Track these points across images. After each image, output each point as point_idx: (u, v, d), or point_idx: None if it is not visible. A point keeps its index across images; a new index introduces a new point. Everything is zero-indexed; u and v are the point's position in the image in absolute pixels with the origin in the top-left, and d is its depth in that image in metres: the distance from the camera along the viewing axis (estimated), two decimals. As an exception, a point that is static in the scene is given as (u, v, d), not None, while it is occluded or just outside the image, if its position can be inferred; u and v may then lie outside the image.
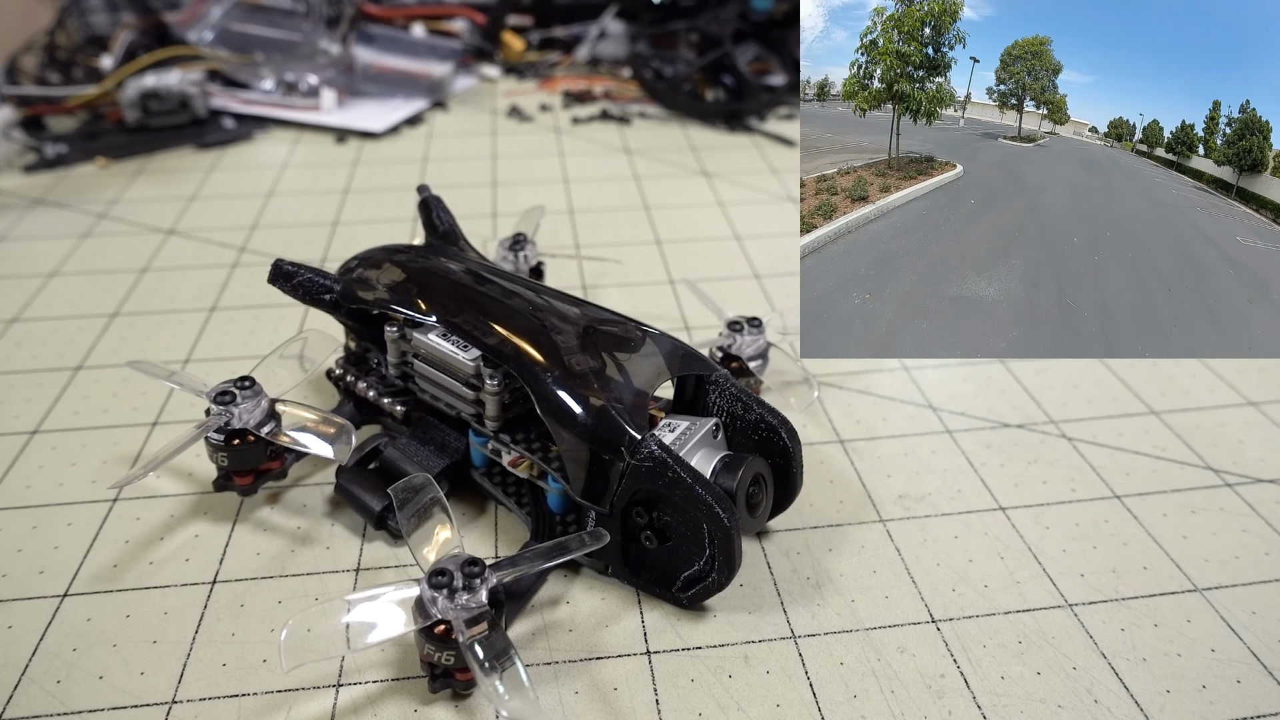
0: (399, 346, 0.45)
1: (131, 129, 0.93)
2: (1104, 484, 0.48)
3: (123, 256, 0.71)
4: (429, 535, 0.36)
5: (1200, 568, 0.43)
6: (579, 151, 0.93)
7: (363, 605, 0.34)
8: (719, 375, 0.43)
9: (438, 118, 1.02)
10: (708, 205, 0.80)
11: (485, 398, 0.42)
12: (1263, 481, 0.49)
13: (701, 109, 1.02)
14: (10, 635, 0.39)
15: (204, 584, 0.41)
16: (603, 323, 0.43)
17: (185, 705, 0.36)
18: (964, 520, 0.45)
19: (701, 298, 0.56)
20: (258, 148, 0.93)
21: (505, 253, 0.57)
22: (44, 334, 0.61)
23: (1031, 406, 0.54)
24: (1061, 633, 0.39)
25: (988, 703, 0.36)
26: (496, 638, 0.33)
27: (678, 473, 0.36)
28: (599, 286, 0.67)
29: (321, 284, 0.47)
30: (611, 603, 0.41)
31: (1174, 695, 0.36)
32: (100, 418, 0.52)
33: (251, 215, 0.78)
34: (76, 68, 1.02)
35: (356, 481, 0.44)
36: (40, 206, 0.79)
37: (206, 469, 0.46)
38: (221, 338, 0.61)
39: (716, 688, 0.37)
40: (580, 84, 1.11)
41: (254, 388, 0.43)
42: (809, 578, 0.42)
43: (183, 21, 1.02)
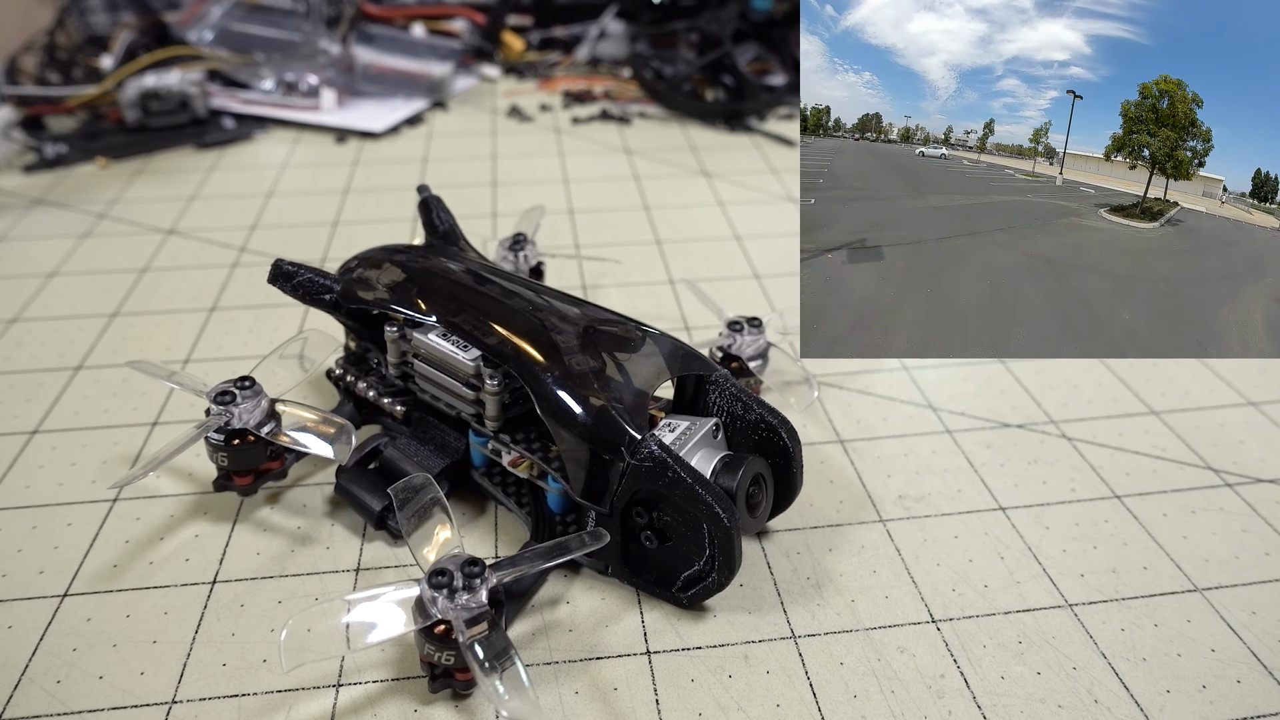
0: (399, 346, 0.45)
1: (131, 129, 0.93)
2: (1104, 484, 0.48)
3: (123, 256, 0.71)
4: (429, 535, 0.36)
5: (1200, 568, 0.43)
6: (579, 151, 0.93)
7: (363, 605, 0.34)
8: (719, 375, 0.43)
9: (438, 118, 1.02)
10: (708, 205, 0.80)
11: (485, 398, 0.42)
12: (1263, 481, 0.49)
13: (701, 109, 1.02)
14: (10, 635, 0.39)
15: (204, 584, 0.41)
16: (603, 323, 0.43)
17: (185, 705, 0.36)
18: (964, 520, 0.45)
19: (701, 298, 0.56)
20: (258, 148, 0.93)
21: (505, 253, 0.57)
22: (44, 334, 0.61)
23: (1031, 406, 0.54)
24: (1061, 633, 0.39)
25: (988, 703, 0.36)
26: (496, 638, 0.33)
27: (678, 473, 0.36)
28: (599, 286, 0.67)
29: (321, 284, 0.47)
30: (611, 603, 0.41)
31: (1174, 695, 0.36)
32: (100, 418, 0.52)
33: (251, 215, 0.78)
34: (76, 68, 1.02)
35: (356, 481, 0.44)
36: (40, 206, 0.79)
37: (206, 469, 0.46)
38: (221, 338, 0.61)
39: (716, 688, 0.37)
40: (580, 84, 1.11)
41: (254, 388, 0.43)
42: (809, 578, 0.42)
43: (183, 21, 1.02)
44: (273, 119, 0.98)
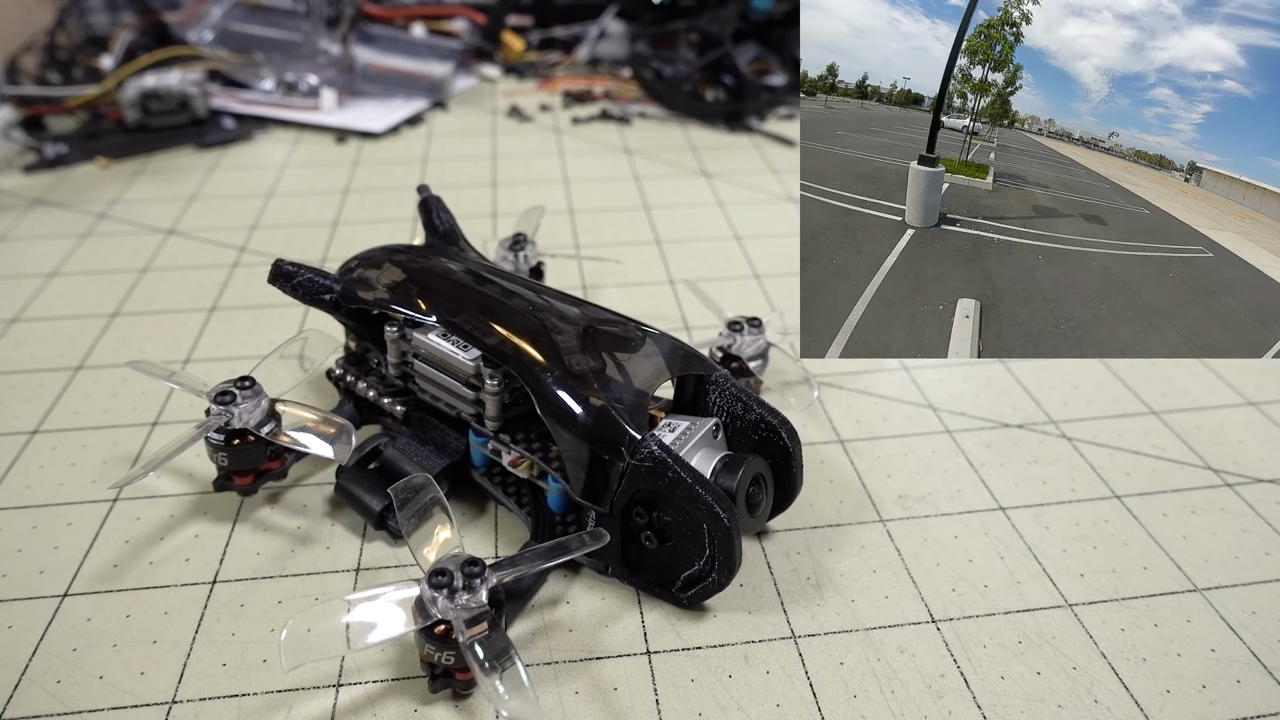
0: (399, 346, 0.45)
1: (131, 129, 0.93)
2: (1104, 484, 0.48)
3: (123, 256, 0.71)
4: (429, 535, 0.36)
5: (1200, 568, 0.43)
6: (579, 151, 0.93)
7: (363, 605, 0.34)
8: (719, 375, 0.43)
9: (438, 118, 1.02)
10: (708, 205, 0.80)
11: (485, 398, 0.42)
12: (1263, 481, 0.49)
13: (701, 109, 1.02)
14: (10, 635, 0.39)
15: (204, 584, 0.41)
16: (603, 323, 0.43)
17: (185, 705, 0.36)
18: (964, 520, 0.45)
19: (701, 298, 0.56)
20: (258, 148, 0.93)
21: (505, 253, 0.57)
22: (44, 334, 0.61)
23: (1031, 406, 0.54)
24: (1061, 633, 0.39)
25: (988, 703, 0.36)
26: (496, 638, 0.33)
27: (678, 473, 0.36)
28: (599, 286, 0.67)
29: (321, 284, 0.47)
30: (611, 603, 0.41)
31: (1174, 695, 0.36)
32: (100, 418, 0.52)
33: (251, 215, 0.78)
34: (76, 68, 1.02)
35: (356, 481, 0.44)
36: (40, 206, 0.79)
37: (206, 469, 0.46)
38: (221, 338, 0.61)
39: (716, 688, 0.37)
40: (580, 84, 1.11)
41: (254, 388, 0.43)
42: (809, 578, 0.42)
43: (183, 21, 1.02)
44: (273, 119, 0.98)
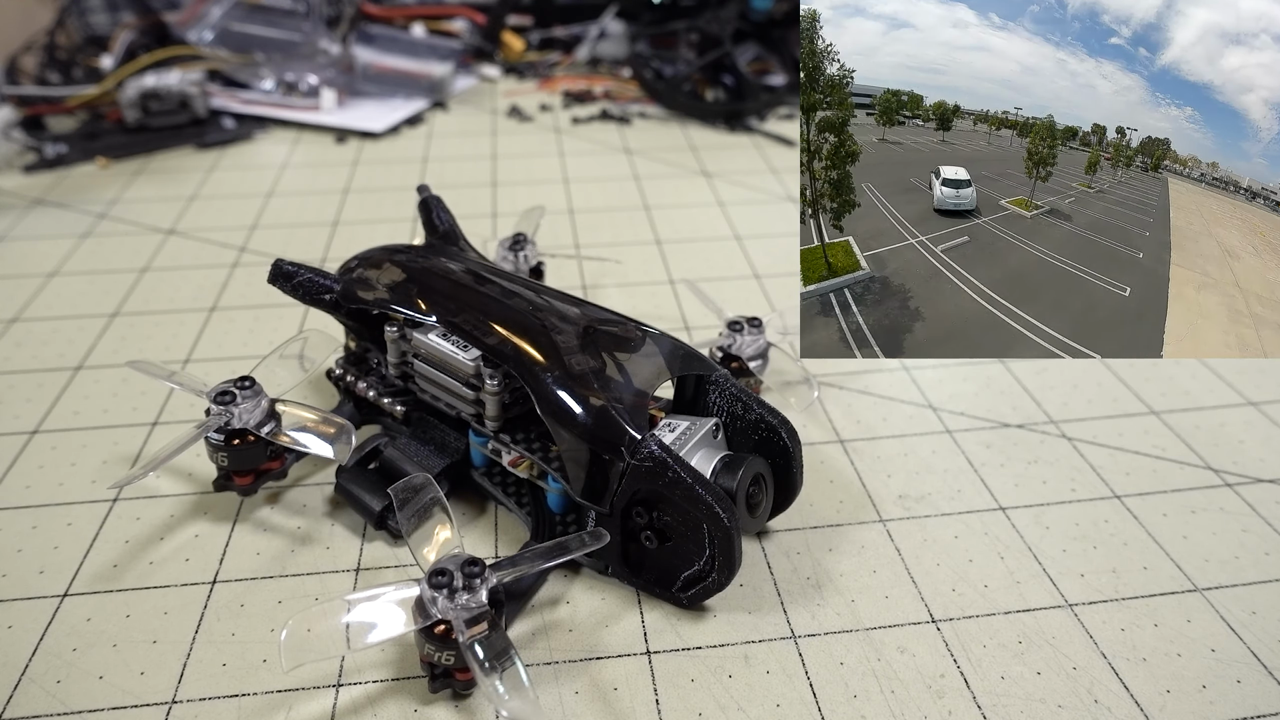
0: (399, 346, 0.45)
1: (131, 129, 0.93)
2: (1104, 484, 0.48)
3: (123, 256, 0.71)
4: (429, 535, 0.36)
5: (1200, 568, 0.43)
6: (579, 151, 0.93)
7: (363, 605, 0.34)
8: (719, 375, 0.43)
9: (438, 118, 1.02)
10: (708, 205, 0.80)
11: (485, 398, 0.42)
12: (1263, 481, 0.49)
13: (701, 109, 1.02)
14: (10, 635, 0.39)
15: (204, 584, 0.41)
16: (603, 323, 0.43)
17: (185, 705, 0.36)
18: (964, 520, 0.45)
19: (701, 298, 0.56)
20: (258, 148, 0.93)
21: (505, 253, 0.57)
22: (44, 334, 0.61)
23: (1031, 406, 0.54)
24: (1061, 633, 0.39)
25: (988, 703, 0.36)
26: (496, 638, 0.33)
27: (678, 473, 0.36)
28: (599, 286, 0.67)
29: (321, 284, 0.47)
30: (611, 603, 0.41)
31: (1174, 695, 0.36)
32: (100, 418, 0.52)
33: (251, 215, 0.78)
34: (76, 68, 1.02)
35: (356, 481, 0.44)
36: (40, 206, 0.79)
37: (206, 469, 0.46)
38: (221, 338, 0.61)
39: (716, 688, 0.37)
40: (580, 84, 1.11)
41: (254, 388, 0.43)
42: (809, 578, 0.42)
43: (183, 21, 1.02)
44: (273, 119, 0.98)
